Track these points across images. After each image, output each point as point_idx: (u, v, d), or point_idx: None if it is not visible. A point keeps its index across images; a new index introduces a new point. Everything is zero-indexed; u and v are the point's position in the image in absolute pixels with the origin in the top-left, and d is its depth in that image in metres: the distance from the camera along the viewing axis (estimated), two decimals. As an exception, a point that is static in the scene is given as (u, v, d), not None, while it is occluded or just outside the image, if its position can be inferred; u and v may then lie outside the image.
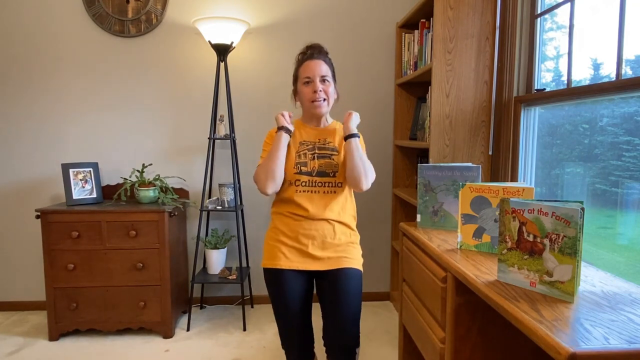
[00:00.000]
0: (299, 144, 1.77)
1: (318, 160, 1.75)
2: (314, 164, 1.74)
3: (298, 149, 1.76)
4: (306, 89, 1.72)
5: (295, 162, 1.74)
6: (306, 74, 1.71)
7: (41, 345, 2.57)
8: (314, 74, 1.70)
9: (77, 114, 2.99)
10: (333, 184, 1.74)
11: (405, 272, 2.01)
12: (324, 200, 1.73)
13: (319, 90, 1.70)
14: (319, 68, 1.71)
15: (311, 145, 1.77)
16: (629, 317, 1.03)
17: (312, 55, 1.74)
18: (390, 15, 3.07)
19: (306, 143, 1.77)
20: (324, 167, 1.74)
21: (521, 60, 2.26)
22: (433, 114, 2.32)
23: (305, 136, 1.79)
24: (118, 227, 2.58)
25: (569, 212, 1.12)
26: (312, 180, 1.73)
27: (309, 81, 1.71)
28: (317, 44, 1.80)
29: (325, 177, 1.74)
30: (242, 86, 3.05)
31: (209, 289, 3.18)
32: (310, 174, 1.73)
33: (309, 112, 1.77)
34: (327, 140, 1.78)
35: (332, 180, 1.74)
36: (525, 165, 2.26)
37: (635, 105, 1.59)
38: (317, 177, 1.73)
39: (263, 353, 2.47)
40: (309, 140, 1.78)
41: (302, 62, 1.75)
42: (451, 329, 1.43)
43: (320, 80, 1.71)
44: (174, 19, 2.97)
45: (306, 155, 1.75)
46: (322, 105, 1.73)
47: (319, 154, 1.75)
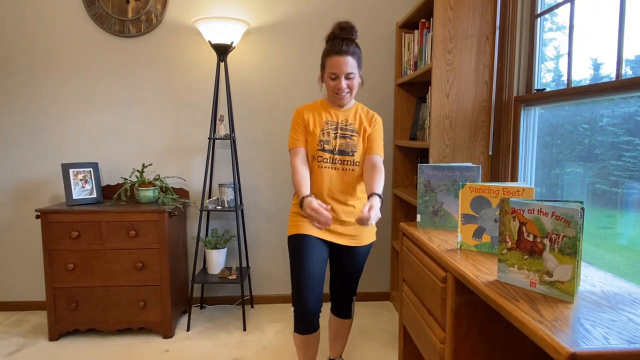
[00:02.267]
0: (324, 122, 1.92)
1: (340, 139, 1.91)
2: (335, 143, 1.91)
3: (323, 127, 1.91)
4: (332, 82, 1.84)
5: (319, 139, 1.90)
6: (332, 70, 1.80)
7: (41, 345, 2.57)
8: (340, 71, 1.80)
9: (77, 114, 2.99)
10: (352, 163, 1.91)
11: (405, 272, 2.01)
12: (343, 177, 1.91)
13: (343, 87, 1.83)
14: (345, 65, 1.79)
15: (334, 125, 1.92)
16: (629, 317, 1.03)
17: (341, 49, 1.78)
18: (390, 15, 3.07)
19: (330, 123, 1.92)
20: (344, 146, 1.90)
21: (521, 60, 2.26)
22: (433, 114, 2.32)
23: (329, 116, 1.94)
24: (118, 227, 2.58)
25: (569, 212, 1.12)
26: (333, 157, 1.90)
27: (335, 77, 1.82)
28: (348, 25, 1.82)
29: (345, 155, 1.90)
30: (242, 86, 3.05)
31: (209, 289, 3.18)
32: (332, 152, 1.90)
33: (330, 99, 1.93)
34: (349, 122, 1.94)
35: (351, 159, 1.91)
36: (525, 165, 2.26)
37: (635, 105, 1.59)
38: (337, 155, 1.90)
39: (263, 353, 2.47)
40: (332, 120, 1.93)
41: (330, 54, 1.80)
42: (451, 329, 1.42)
43: (345, 77, 1.82)
44: (174, 19, 2.97)
45: (329, 134, 1.91)
46: (345, 98, 1.88)
47: (341, 134, 1.91)
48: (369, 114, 1.97)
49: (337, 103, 1.92)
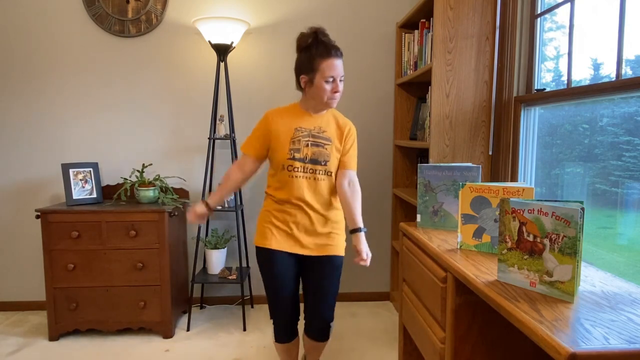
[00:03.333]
0: (295, 129, 1.82)
1: (311, 147, 1.82)
2: (307, 151, 1.81)
3: (293, 135, 1.82)
4: (328, 86, 1.77)
5: (289, 147, 1.81)
6: (331, 73, 1.75)
7: (41, 345, 2.57)
8: (337, 74, 1.76)
9: (77, 114, 2.99)
10: (324, 172, 1.83)
11: (405, 272, 2.01)
12: (314, 186, 1.83)
13: (340, 90, 1.79)
14: (340, 68, 1.77)
15: (306, 132, 1.83)
16: (629, 317, 1.03)
17: (336, 52, 1.78)
18: (390, 15, 3.07)
19: (301, 129, 1.83)
20: (316, 155, 1.82)
21: (521, 60, 2.26)
22: (433, 114, 2.32)
23: (301, 122, 1.84)
24: (118, 227, 2.58)
25: (569, 212, 1.12)
26: (304, 166, 1.81)
27: (332, 80, 1.76)
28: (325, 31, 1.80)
29: (317, 164, 1.82)
30: (242, 86, 3.05)
31: (209, 289, 3.18)
32: (303, 161, 1.81)
33: (320, 104, 1.82)
34: (322, 129, 1.85)
35: (323, 168, 1.83)
36: (525, 165, 2.26)
37: (635, 105, 1.59)
38: (309, 164, 1.82)
39: (263, 353, 2.47)
40: (304, 127, 1.83)
41: (325, 57, 1.76)
42: (451, 329, 1.42)
43: (339, 80, 1.79)
44: (174, 19, 2.97)
45: (300, 142, 1.82)
46: (337, 102, 1.83)
47: (313, 142, 1.83)
48: (344, 123, 1.89)
49: (329, 107, 1.84)
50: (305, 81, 1.81)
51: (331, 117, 1.89)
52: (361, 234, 1.82)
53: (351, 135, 1.89)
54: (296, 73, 1.84)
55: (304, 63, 1.79)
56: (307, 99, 1.85)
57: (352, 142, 1.89)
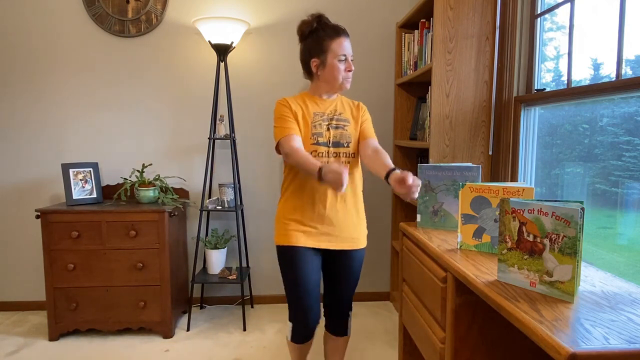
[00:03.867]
0: (313, 114, 1.80)
1: (333, 130, 1.79)
2: (329, 134, 1.79)
3: (313, 120, 1.79)
4: (339, 65, 1.76)
5: (311, 132, 1.77)
6: (343, 52, 1.75)
7: (41, 345, 2.57)
8: (348, 53, 1.77)
9: (77, 114, 2.99)
10: (347, 155, 1.81)
11: (405, 272, 2.01)
12: None
13: (352, 69, 1.79)
14: (350, 48, 1.78)
15: (325, 115, 1.81)
16: (629, 317, 1.03)
17: (344, 31, 1.78)
18: (390, 15, 3.07)
19: (319, 114, 1.80)
20: (338, 137, 1.79)
21: (521, 60, 2.26)
22: (433, 114, 2.32)
23: (317, 107, 1.82)
24: (118, 227, 2.58)
25: (569, 212, 1.12)
26: (328, 151, 1.78)
27: (345, 59, 1.76)
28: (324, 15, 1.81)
29: (340, 147, 1.80)
30: (242, 86, 3.05)
31: (209, 289, 3.18)
32: (327, 145, 1.78)
33: (335, 86, 1.80)
34: (339, 111, 1.83)
35: (347, 150, 1.80)
36: (525, 165, 2.26)
37: (635, 105, 1.59)
38: (333, 148, 1.79)
39: (263, 353, 2.47)
40: (321, 111, 1.81)
41: (335, 36, 1.75)
42: (451, 329, 1.42)
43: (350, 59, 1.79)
44: (174, 19, 2.97)
45: (321, 126, 1.79)
46: (350, 82, 1.83)
47: (333, 125, 1.80)
48: (354, 103, 1.91)
49: (344, 88, 1.81)
50: (317, 64, 1.78)
51: (344, 100, 1.90)
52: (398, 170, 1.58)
53: (364, 110, 1.90)
54: (304, 59, 1.81)
55: (313, 46, 1.77)
56: (318, 85, 1.82)
57: (368, 115, 1.90)
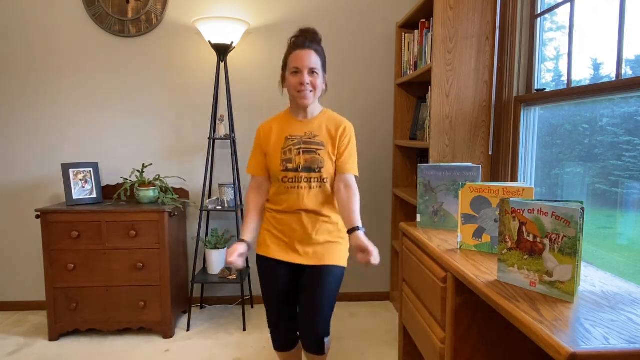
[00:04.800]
0: (285, 139, 1.76)
1: (304, 155, 1.74)
2: (299, 160, 1.74)
3: (284, 145, 1.76)
4: (293, 79, 1.69)
5: (281, 159, 1.75)
6: (295, 64, 1.68)
7: (41, 345, 2.57)
8: (302, 65, 1.67)
9: (77, 114, 2.99)
10: (318, 180, 1.75)
11: (405, 272, 2.01)
12: (309, 195, 1.75)
13: (306, 83, 1.68)
14: (308, 59, 1.67)
15: (297, 139, 1.75)
16: (629, 317, 1.03)
17: (304, 44, 1.69)
18: (390, 15, 3.07)
19: (292, 138, 1.76)
20: (309, 163, 1.73)
21: (521, 60, 2.26)
22: (433, 114, 2.32)
23: (291, 130, 1.77)
24: (118, 227, 2.58)
25: (569, 212, 1.12)
26: (297, 176, 1.74)
27: (297, 72, 1.68)
28: (311, 29, 1.76)
29: (311, 172, 1.74)
30: (242, 86, 3.05)
31: (209, 289, 3.18)
32: (296, 170, 1.74)
33: (294, 101, 1.76)
34: (314, 134, 1.76)
35: (318, 175, 1.74)
36: (525, 165, 2.26)
37: (635, 105, 1.59)
38: (303, 173, 1.73)
39: (263, 353, 2.47)
40: (295, 134, 1.76)
41: (293, 50, 1.71)
42: (451, 329, 1.42)
43: (308, 72, 1.68)
44: (174, 19, 2.97)
45: (291, 151, 1.75)
46: (308, 97, 1.70)
47: (305, 149, 1.74)
48: (337, 123, 1.77)
49: (300, 104, 1.73)
50: (281, 81, 1.78)
51: (324, 119, 1.79)
52: (360, 232, 1.64)
53: (346, 135, 1.76)
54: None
55: (282, 62, 1.77)
56: (290, 102, 1.81)
57: (348, 143, 1.76)
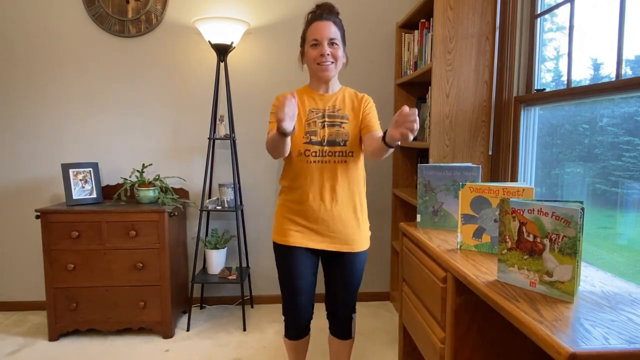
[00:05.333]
0: (309, 111, 1.72)
1: (328, 128, 1.70)
2: (323, 133, 1.70)
3: (307, 117, 1.71)
4: (314, 51, 1.66)
5: (305, 131, 1.69)
6: (314, 36, 1.65)
7: (41, 345, 2.57)
8: (322, 36, 1.64)
9: (77, 114, 2.99)
10: (344, 154, 1.70)
11: (405, 272, 2.01)
12: (334, 171, 1.70)
13: (326, 54, 1.65)
14: (327, 30, 1.64)
15: (320, 112, 1.72)
16: (629, 317, 1.03)
17: (322, 15, 1.67)
18: (390, 15, 3.07)
19: (315, 111, 1.72)
20: (334, 136, 1.69)
21: (521, 60, 2.26)
22: (433, 114, 2.32)
23: (313, 103, 1.74)
24: (118, 227, 2.58)
25: (569, 212, 1.12)
26: (322, 150, 1.69)
27: (317, 44, 1.65)
28: (328, 3, 1.72)
29: (335, 146, 1.70)
30: (242, 86, 3.05)
31: (209, 289, 3.18)
32: (321, 144, 1.69)
33: (315, 75, 1.72)
34: (337, 107, 1.73)
35: (343, 149, 1.70)
36: (525, 165, 2.26)
37: (635, 105, 1.59)
38: (327, 147, 1.69)
39: (263, 353, 2.47)
40: (317, 107, 1.73)
41: (311, 22, 1.69)
42: (451, 329, 1.43)
43: (328, 44, 1.65)
44: (174, 19, 2.97)
45: (316, 124, 1.70)
46: (330, 69, 1.67)
47: (329, 122, 1.71)
48: (358, 96, 1.77)
49: (322, 77, 1.69)
50: (300, 55, 1.75)
51: (346, 94, 1.78)
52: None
53: (368, 103, 1.76)
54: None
55: (301, 38, 1.73)
56: (311, 77, 1.77)
57: (372, 110, 1.75)
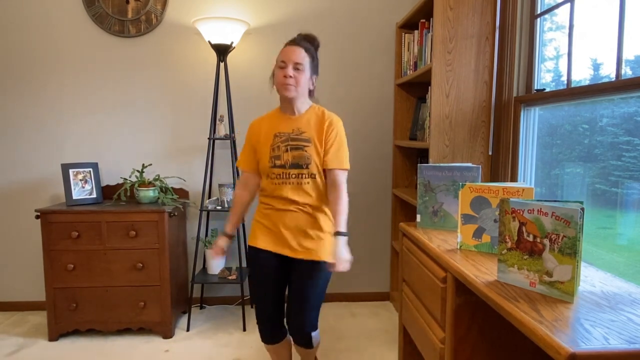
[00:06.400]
0: (274, 136, 1.82)
1: (291, 152, 1.79)
2: (287, 156, 1.79)
3: (272, 143, 1.81)
4: (279, 72, 1.76)
5: (270, 155, 1.80)
6: (281, 58, 1.75)
7: (41, 345, 2.57)
8: (288, 59, 1.73)
9: (77, 114, 2.99)
10: (306, 175, 1.79)
11: (405, 272, 2.01)
12: (298, 190, 1.79)
13: (289, 76, 1.72)
14: (294, 54, 1.74)
15: (285, 136, 1.80)
16: (628, 317, 1.03)
17: (295, 40, 1.79)
18: (390, 16, 3.07)
19: (280, 135, 1.81)
20: (297, 159, 1.78)
21: (521, 60, 2.26)
22: (433, 114, 2.32)
23: (280, 127, 1.82)
24: (118, 227, 2.58)
25: (569, 212, 1.12)
26: (285, 172, 1.79)
27: (283, 66, 1.74)
28: (309, 34, 1.86)
29: (298, 168, 1.78)
30: (242, 86, 3.05)
31: (209, 289, 3.18)
32: (284, 167, 1.79)
33: (280, 95, 1.80)
34: (301, 131, 1.80)
35: (305, 172, 1.78)
36: (525, 165, 2.26)
37: (635, 105, 1.59)
38: (290, 169, 1.79)
39: (263, 353, 2.47)
40: (283, 131, 1.81)
41: (285, 46, 1.79)
42: (451, 329, 1.43)
43: (293, 67, 1.73)
44: (174, 19, 2.97)
45: (279, 148, 1.80)
46: (290, 89, 1.74)
47: (292, 146, 1.79)
48: (323, 118, 1.80)
49: (283, 96, 1.76)
50: (272, 77, 1.85)
51: (313, 115, 1.82)
52: (339, 238, 1.70)
53: (332, 129, 1.78)
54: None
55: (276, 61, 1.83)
56: (279, 99, 1.86)
57: (335, 138, 1.78)
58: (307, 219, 1.81)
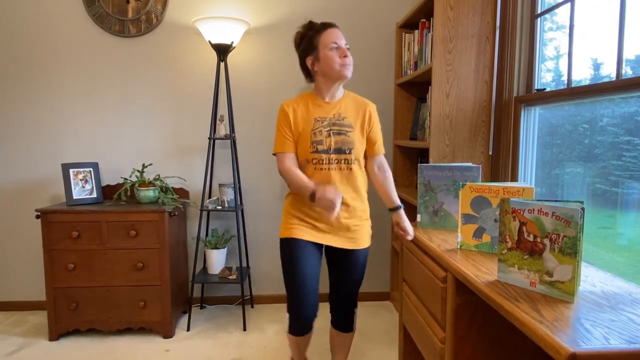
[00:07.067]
0: (314, 120, 1.77)
1: (334, 137, 1.76)
2: (330, 141, 1.76)
3: (313, 127, 1.77)
4: (333, 54, 1.73)
5: (311, 140, 1.76)
6: (333, 40, 1.74)
7: (41, 345, 2.57)
8: (340, 41, 1.74)
9: (77, 114, 2.99)
10: (349, 161, 1.78)
11: (405, 272, 2.01)
12: (340, 176, 1.78)
13: (348, 56, 1.74)
14: (342, 37, 1.76)
15: (326, 121, 1.78)
16: (629, 317, 1.03)
17: (330, 24, 1.77)
18: (390, 15, 3.07)
19: (321, 119, 1.78)
20: (340, 144, 1.76)
21: (521, 60, 2.26)
22: (433, 114, 2.32)
23: (319, 112, 1.79)
24: (118, 227, 2.58)
25: (569, 212, 1.12)
26: (328, 157, 1.76)
27: (337, 46, 1.73)
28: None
29: (341, 154, 1.77)
30: (242, 86, 3.05)
31: (209, 289, 3.18)
32: (327, 152, 1.76)
33: (333, 77, 1.76)
34: (342, 116, 1.79)
35: (349, 157, 1.77)
36: (525, 165, 2.26)
37: (635, 105, 1.59)
38: (333, 155, 1.76)
39: (263, 353, 2.47)
40: (323, 116, 1.78)
41: (323, 29, 1.76)
42: (451, 329, 1.43)
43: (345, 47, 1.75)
44: (174, 19, 2.97)
45: (322, 133, 1.76)
46: (350, 69, 1.76)
47: (335, 131, 1.77)
48: (362, 105, 1.84)
49: (343, 76, 1.75)
50: (312, 61, 1.78)
51: (349, 101, 1.84)
52: (401, 210, 1.83)
53: (373, 117, 1.85)
54: (302, 63, 1.83)
55: (306, 47, 1.79)
56: (319, 84, 1.81)
57: (376, 122, 1.86)
58: (346, 208, 1.80)
